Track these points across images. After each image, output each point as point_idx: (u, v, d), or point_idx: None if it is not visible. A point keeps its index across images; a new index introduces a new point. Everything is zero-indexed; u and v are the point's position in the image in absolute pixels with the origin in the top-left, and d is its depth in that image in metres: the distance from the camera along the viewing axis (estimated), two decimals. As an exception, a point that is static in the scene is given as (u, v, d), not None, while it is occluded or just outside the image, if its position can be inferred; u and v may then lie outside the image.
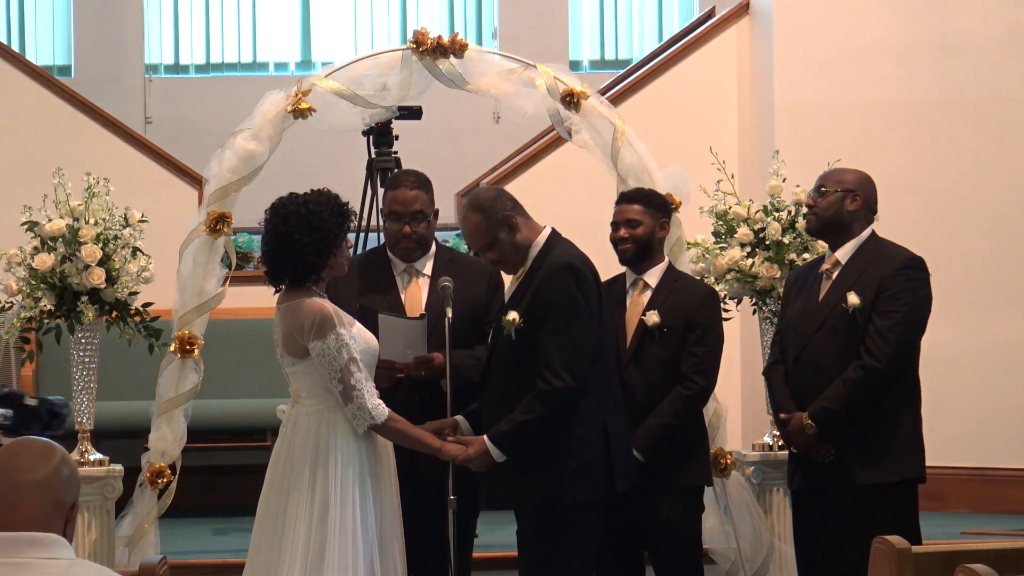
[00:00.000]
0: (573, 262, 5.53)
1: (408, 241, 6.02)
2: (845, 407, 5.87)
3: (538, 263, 5.56)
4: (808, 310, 6.05)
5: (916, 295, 5.95)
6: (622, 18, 14.17)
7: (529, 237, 5.58)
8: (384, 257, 6.13)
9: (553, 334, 5.45)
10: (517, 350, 5.48)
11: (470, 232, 5.60)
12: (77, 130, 9.37)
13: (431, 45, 6.63)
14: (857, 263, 6.01)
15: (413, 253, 6.06)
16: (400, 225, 6.02)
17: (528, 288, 5.53)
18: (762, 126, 9.20)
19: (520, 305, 5.51)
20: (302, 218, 5.42)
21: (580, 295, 5.49)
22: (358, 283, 5.97)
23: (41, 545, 3.28)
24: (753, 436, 7.54)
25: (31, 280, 6.49)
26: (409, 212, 6.01)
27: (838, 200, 6.03)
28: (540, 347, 5.45)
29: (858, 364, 5.88)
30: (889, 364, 5.87)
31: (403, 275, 6.09)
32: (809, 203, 6.12)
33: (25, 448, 3.37)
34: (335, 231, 5.46)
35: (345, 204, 5.55)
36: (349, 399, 5.39)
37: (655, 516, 6.05)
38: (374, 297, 5.99)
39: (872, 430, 5.90)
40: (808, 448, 5.95)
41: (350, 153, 9.12)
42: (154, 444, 6.53)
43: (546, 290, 5.48)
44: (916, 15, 9.00)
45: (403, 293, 6.05)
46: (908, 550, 4.65)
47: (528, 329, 5.48)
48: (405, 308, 6.01)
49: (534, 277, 5.54)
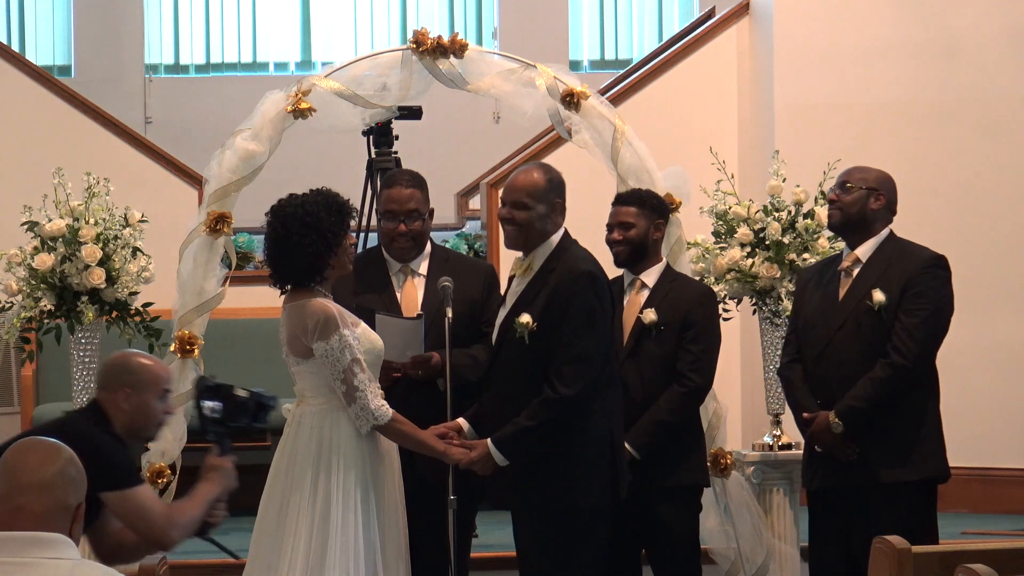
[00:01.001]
0: (593, 270, 5.56)
1: (403, 239, 6.03)
2: (873, 405, 5.85)
3: (550, 264, 5.57)
4: (828, 308, 6.02)
5: (941, 293, 5.96)
6: (622, 18, 14.17)
7: (552, 231, 5.62)
8: (380, 257, 6.14)
9: (567, 342, 5.45)
10: (527, 353, 5.48)
11: (524, 184, 5.61)
12: (77, 130, 9.36)
13: (431, 45, 6.63)
14: (878, 261, 5.99)
15: (408, 252, 6.07)
16: (395, 223, 6.02)
17: (540, 290, 5.54)
18: (762, 126, 9.20)
19: (532, 307, 5.52)
20: (299, 220, 5.43)
21: (598, 304, 5.52)
22: (354, 283, 5.97)
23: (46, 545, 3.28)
24: (753, 436, 7.54)
25: (31, 280, 6.49)
26: (404, 210, 6.02)
27: (863, 197, 6.02)
28: (553, 353, 5.46)
29: (886, 362, 5.86)
30: (916, 362, 5.85)
31: (399, 275, 6.09)
32: (832, 198, 6.09)
33: (31, 449, 3.37)
34: (333, 231, 5.46)
35: (345, 202, 5.55)
36: (352, 400, 5.39)
37: (652, 516, 6.05)
38: (370, 296, 6.00)
39: (897, 428, 5.88)
40: (833, 447, 5.92)
41: (350, 153, 9.12)
42: (154, 444, 6.52)
43: (564, 296, 5.49)
44: (916, 15, 9.00)
45: (399, 292, 6.06)
46: (908, 550, 4.65)
47: (540, 333, 5.49)
48: (401, 307, 6.01)
49: (546, 279, 5.54)
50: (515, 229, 5.63)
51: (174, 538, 4.75)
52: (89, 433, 4.61)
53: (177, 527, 4.74)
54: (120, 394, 4.74)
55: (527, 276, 5.62)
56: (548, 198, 5.61)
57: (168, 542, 4.77)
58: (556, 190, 5.65)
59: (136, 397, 4.74)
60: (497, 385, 5.60)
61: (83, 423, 4.72)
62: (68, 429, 4.47)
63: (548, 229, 5.61)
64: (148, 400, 4.77)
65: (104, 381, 4.80)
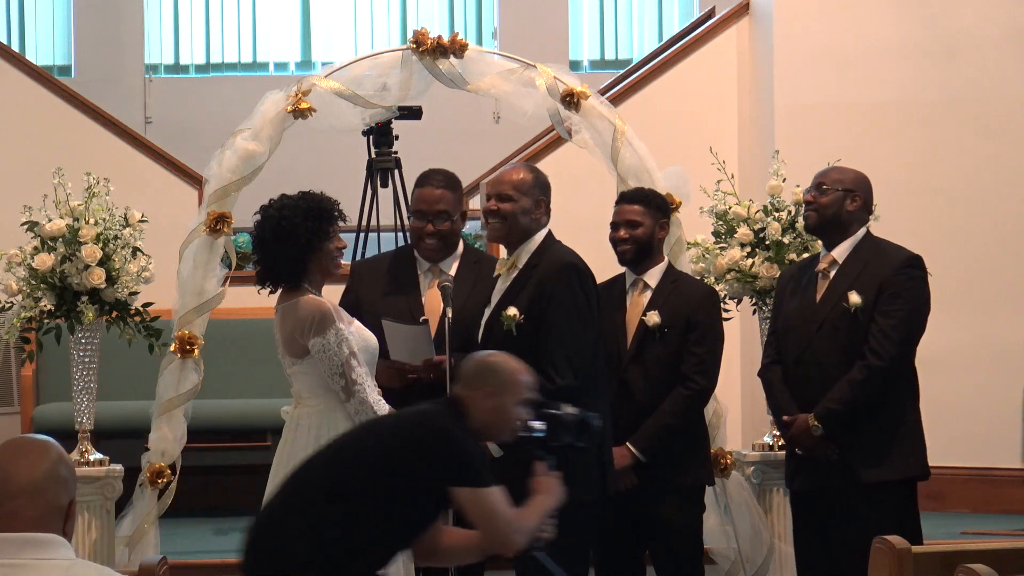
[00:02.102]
0: (577, 262, 5.59)
1: (431, 240, 6.05)
2: (851, 407, 5.87)
3: (534, 260, 5.60)
4: (806, 310, 6.05)
5: (917, 294, 5.96)
6: (622, 18, 14.16)
7: (536, 229, 5.65)
8: (411, 256, 6.17)
9: (557, 332, 5.47)
10: (514, 345, 5.48)
11: (512, 179, 5.64)
12: (77, 130, 9.36)
13: (431, 45, 6.63)
14: (855, 262, 6.01)
15: (437, 253, 6.09)
16: (424, 223, 6.05)
17: (525, 284, 5.56)
18: (762, 126, 9.20)
19: (518, 302, 5.54)
20: (274, 223, 5.48)
21: (583, 295, 5.52)
22: (384, 281, 6.03)
23: (41, 545, 3.26)
24: (753, 436, 7.54)
25: (31, 280, 6.48)
26: (433, 211, 6.05)
27: (839, 199, 6.04)
28: (542, 344, 5.46)
29: (863, 364, 5.88)
30: (893, 363, 5.87)
31: (427, 275, 6.12)
32: (808, 199, 6.12)
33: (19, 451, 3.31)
34: (308, 236, 5.47)
35: (328, 207, 5.54)
36: (351, 394, 5.40)
37: (656, 516, 6.06)
38: (395, 298, 6.03)
39: (875, 429, 5.90)
40: (813, 449, 5.94)
41: (350, 153, 9.12)
42: (154, 444, 6.54)
43: (550, 287, 5.51)
44: (916, 15, 9.00)
45: (424, 294, 6.07)
46: (908, 550, 4.65)
47: (528, 325, 5.49)
48: (424, 308, 6.03)
49: (531, 274, 5.58)
50: (499, 221, 5.66)
51: (518, 543, 4.73)
52: (451, 428, 4.63)
53: (522, 533, 4.71)
54: (482, 392, 4.73)
55: (511, 273, 5.64)
56: (533, 193, 5.65)
57: (512, 546, 4.76)
58: (542, 188, 5.69)
59: (497, 398, 4.73)
60: None
61: (445, 417, 4.70)
62: (430, 422, 4.61)
63: (532, 226, 5.64)
64: (508, 403, 4.76)
65: (469, 378, 4.78)
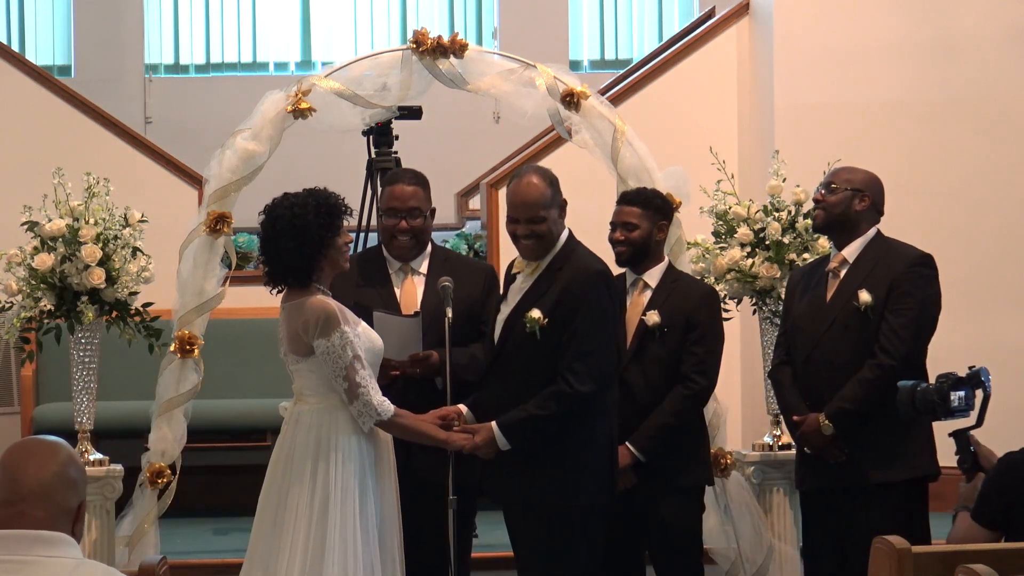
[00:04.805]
0: (604, 268, 5.63)
1: (404, 236, 6.04)
2: (862, 407, 5.86)
3: (558, 263, 5.60)
4: (816, 310, 6.04)
5: (927, 292, 5.96)
6: (622, 18, 14.16)
7: (560, 231, 5.65)
8: (380, 256, 6.15)
9: (581, 338, 5.48)
10: (537, 347, 5.49)
11: (537, 198, 5.58)
12: (77, 130, 9.35)
13: (431, 45, 6.63)
14: (865, 261, 6.00)
15: (409, 251, 6.08)
16: (397, 220, 6.04)
17: (549, 287, 5.56)
18: (762, 126, 9.19)
19: (542, 303, 5.53)
20: (286, 221, 5.47)
21: (610, 304, 5.58)
22: (354, 282, 5.98)
23: (48, 543, 3.26)
24: (753, 436, 7.53)
25: (31, 280, 6.48)
26: (406, 208, 6.04)
27: (847, 199, 6.03)
28: (565, 350, 5.47)
29: (874, 363, 5.87)
30: (904, 362, 5.86)
31: (399, 273, 6.11)
32: (817, 198, 6.11)
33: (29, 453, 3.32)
34: (321, 232, 5.47)
35: (336, 203, 5.54)
36: (355, 396, 5.40)
37: (655, 516, 6.06)
38: (369, 293, 6.01)
39: (885, 428, 5.89)
40: (823, 449, 5.93)
41: (350, 153, 9.12)
42: (154, 444, 6.53)
43: (578, 294, 5.51)
44: (916, 15, 8.99)
45: (398, 291, 6.06)
46: (908, 550, 4.65)
47: (550, 329, 5.50)
48: (400, 306, 6.02)
49: (554, 276, 5.57)
50: (535, 241, 5.62)
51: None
52: None
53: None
54: None
55: (534, 274, 5.63)
56: (556, 200, 5.65)
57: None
58: (557, 189, 5.68)
59: None
60: (501, 378, 5.61)
61: None
62: None
63: (557, 231, 5.65)
64: None
65: None
